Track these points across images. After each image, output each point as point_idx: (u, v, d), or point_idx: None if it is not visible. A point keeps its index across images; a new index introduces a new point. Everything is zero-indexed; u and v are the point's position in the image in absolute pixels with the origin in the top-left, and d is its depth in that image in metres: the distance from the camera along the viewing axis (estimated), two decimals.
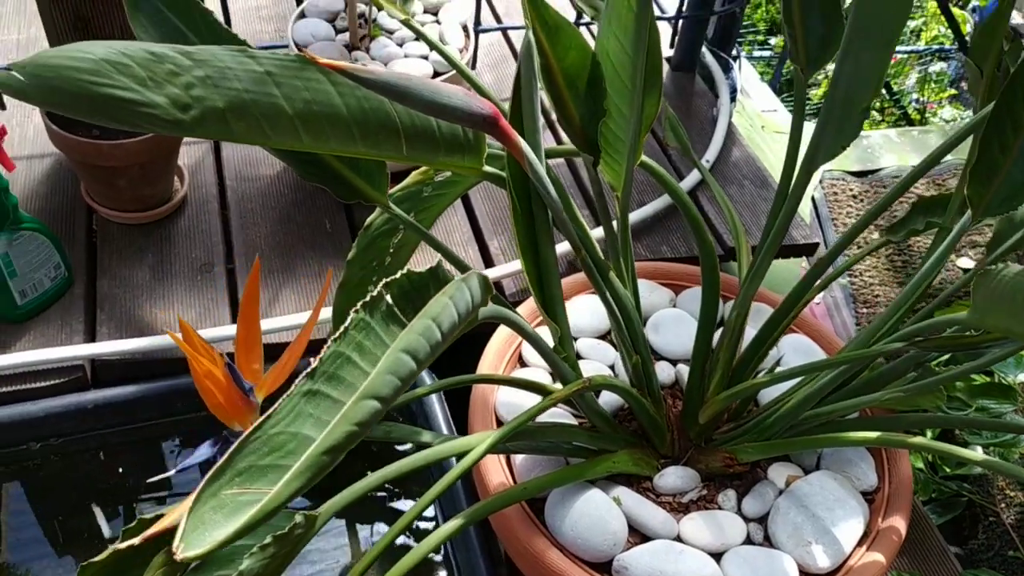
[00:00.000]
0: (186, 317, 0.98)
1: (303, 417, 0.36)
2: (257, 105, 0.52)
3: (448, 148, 0.59)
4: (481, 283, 0.48)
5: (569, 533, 0.75)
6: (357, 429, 0.37)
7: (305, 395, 0.37)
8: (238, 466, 0.35)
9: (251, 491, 0.34)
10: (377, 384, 0.38)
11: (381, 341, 0.42)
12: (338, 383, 0.38)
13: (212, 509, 0.34)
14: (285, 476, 0.34)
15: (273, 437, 0.36)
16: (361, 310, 0.41)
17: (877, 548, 0.78)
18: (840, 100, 0.58)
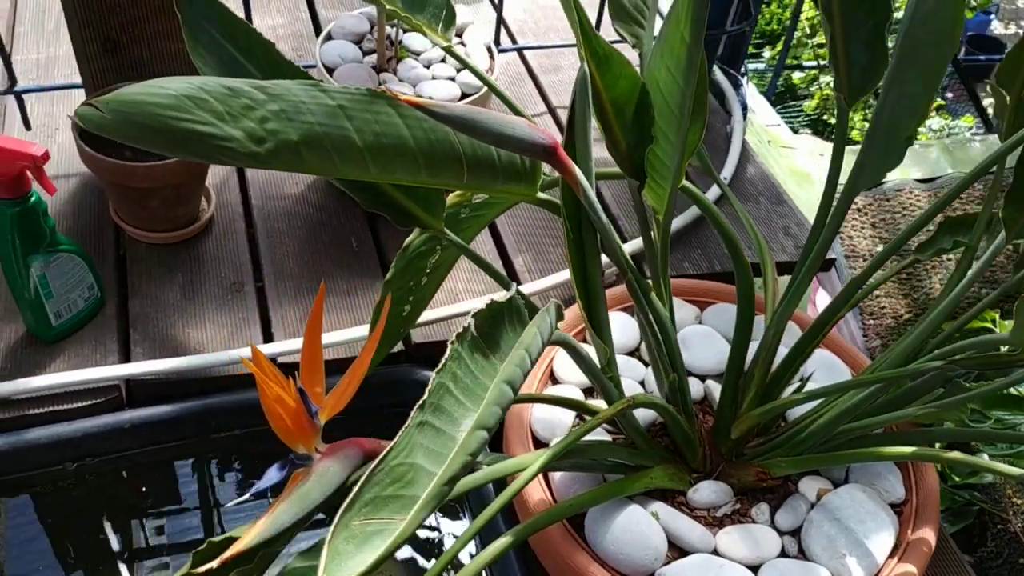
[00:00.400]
0: (218, 337, 0.99)
1: (417, 448, 0.38)
2: (329, 138, 0.53)
3: (506, 176, 0.60)
4: (557, 311, 0.50)
5: (611, 548, 0.77)
6: (470, 459, 0.38)
7: (418, 426, 0.38)
8: (364, 497, 0.36)
9: (376, 520, 0.35)
10: (485, 415, 0.39)
11: (469, 370, 0.43)
12: (441, 413, 0.39)
13: (344, 540, 0.35)
14: (410, 504, 0.36)
15: (394, 468, 0.37)
16: (456, 341, 0.43)
17: (908, 559, 0.80)
18: (884, 127, 0.60)
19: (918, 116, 0.59)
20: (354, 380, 0.62)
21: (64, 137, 1.20)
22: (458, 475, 0.37)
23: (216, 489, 0.95)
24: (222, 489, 0.95)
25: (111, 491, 0.93)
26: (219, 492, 0.95)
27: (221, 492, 0.95)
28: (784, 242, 1.17)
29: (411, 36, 1.12)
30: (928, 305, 1.62)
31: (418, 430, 0.38)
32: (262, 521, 0.56)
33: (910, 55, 0.56)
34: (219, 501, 0.94)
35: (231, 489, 0.95)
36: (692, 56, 0.59)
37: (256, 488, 0.56)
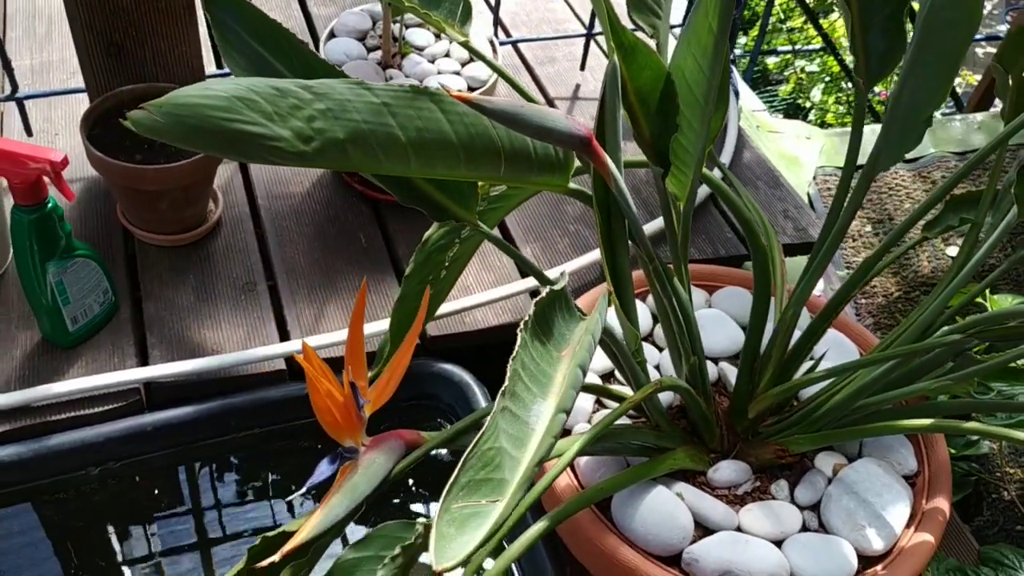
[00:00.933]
0: (234, 336, 0.99)
1: (500, 432, 0.39)
2: (375, 135, 0.54)
3: (540, 167, 0.62)
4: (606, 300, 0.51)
5: (639, 529, 0.79)
6: (553, 440, 0.39)
7: (501, 412, 0.40)
8: (461, 481, 0.37)
9: (472, 504, 0.37)
10: (565, 399, 0.41)
11: (532, 357, 0.45)
12: (516, 399, 0.41)
13: (447, 523, 0.36)
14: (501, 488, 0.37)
15: (485, 453, 0.38)
16: (522, 329, 0.44)
17: (924, 528, 0.83)
18: (904, 109, 0.62)
19: (938, 98, 0.61)
20: (396, 373, 0.63)
21: (63, 142, 1.19)
22: (545, 456, 0.39)
23: (238, 488, 0.96)
24: (244, 488, 0.96)
25: (134, 494, 0.94)
26: (241, 491, 0.96)
27: (243, 491, 0.96)
28: (784, 225, 1.19)
29: (414, 32, 1.12)
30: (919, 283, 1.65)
31: (501, 415, 0.40)
32: (317, 514, 0.57)
33: (929, 39, 0.58)
34: (242, 500, 0.95)
35: (254, 488, 0.96)
36: (719, 45, 0.61)
37: (311, 482, 0.58)
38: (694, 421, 0.87)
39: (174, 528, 0.93)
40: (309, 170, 1.18)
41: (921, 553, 0.81)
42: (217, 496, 0.95)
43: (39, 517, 0.92)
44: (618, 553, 0.78)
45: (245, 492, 0.96)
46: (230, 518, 0.94)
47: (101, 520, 0.92)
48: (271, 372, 0.97)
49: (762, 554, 0.77)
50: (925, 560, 0.81)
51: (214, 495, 0.95)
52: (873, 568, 0.80)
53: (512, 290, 1.05)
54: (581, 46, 1.42)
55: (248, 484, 0.96)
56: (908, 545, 0.81)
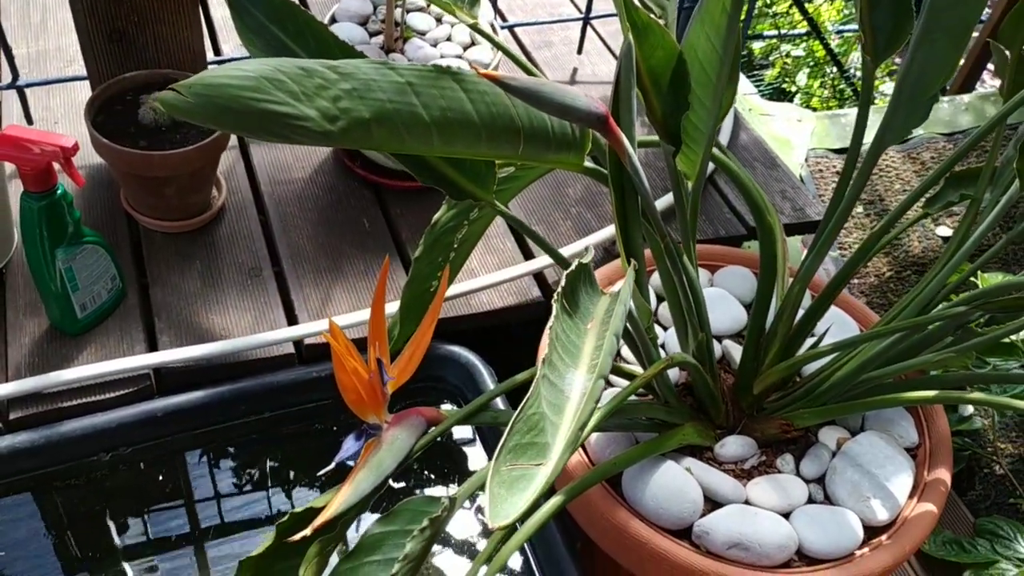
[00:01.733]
0: (242, 321, 1.00)
1: (541, 399, 0.40)
2: (400, 114, 0.55)
3: (558, 146, 0.63)
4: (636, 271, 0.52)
5: (650, 503, 0.80)
6: (594, 404, 0.41)
7: (542, 379, 0.41)
8: (509, 444, 0.39)
9: (519, 465, 0.38)
10: (603, 364, 0.42)
11: (563, 328, 0.46)
12: (552, 367, 0.42)
13: (498, 484, 0.37)
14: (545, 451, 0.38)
15: (530, 418, 0.39)
16: (556, 300, 0.45)
17: (927, 499, 0.85)
18: (911, 85, 0.63)
19: (946, 74, 0.63)
20: (418, 351, 0.64)
21: (63, 129, 1.19)
22: (587, 421, 0.40)
23: (249, 472, 0.97)
24: (255, 471, 0.97)
25: (145, 480, 0.94)
26: (252, 475, 0.97)
27: (254, 474, 0.97)
28: (782, 205, 1.21)
29: (415, 16, 1.13)
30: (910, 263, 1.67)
31: (543, 383, 0.41)
32: (344, 489, 0.58)
33: (937, 17, 0.60)
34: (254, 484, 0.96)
35: (265, 471, 0.97)
36: (732, 24, 0.62)
37: (339, 457, 0.59)
38: (700, 398, 0.89)
39: (186, 513, 0.94)
40: (311, 156, 1.19)
41: (924, 523, 0.83)
42: (228, 480, 0.96)
43: (51, 503, 0.92)
44: (629, 527, 0.79)
45: (256, 476, 0.97)
46: (241, 502, 0.95)
47: (113, 506, 0.93)
48: (280, 356, 0.97)
49: (771, 526, 0.79)
50: (928, 529, 0.83)
51: (225, 480, 0.96)
52: (878, 538, 0.82)
53: (516, 273, 1.06)
54: (578, 30, 1.43)
55: (259, 468, 0.97)
56: (911, 515, 0.83)
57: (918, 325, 0.75)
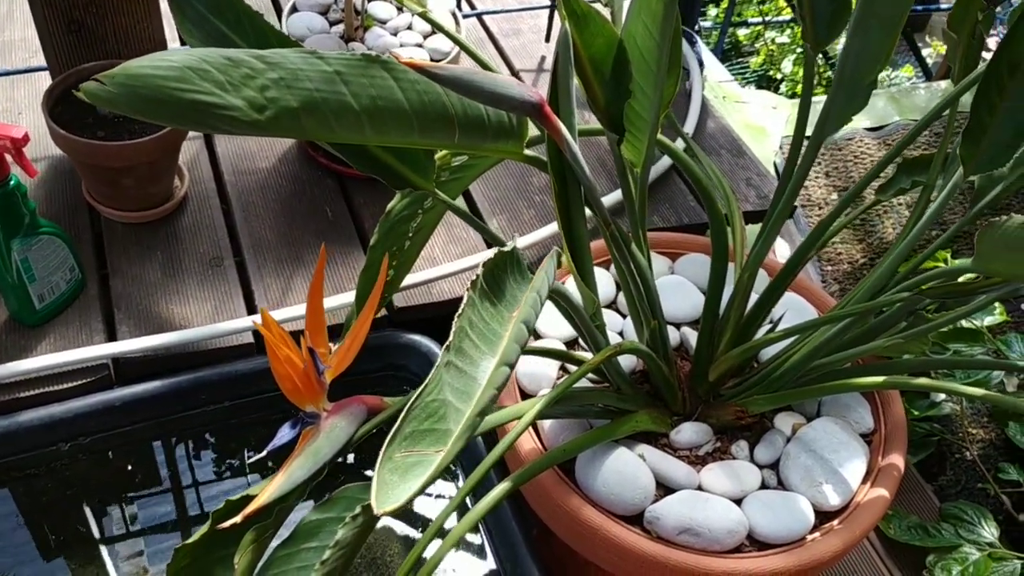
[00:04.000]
0: (202, 311, 1.00)
1: (444, 385, 0.40)
2: (328, 103, 0.55)
3: (495, 134, 0.63)
4: (557, 260, 0.52)
5: (602, 489, 0.80)
6: (496, 392, 0.41)
7: (445, 366, 0.41)
8: (405, 431, 0.39)
9: (416, 452, 0.38)
10: (508, 352, 0.42)
11: (481, 316, 0.46)
12: (461, 354, 0.42)
13: (389, 471, 0.37)
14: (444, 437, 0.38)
15: (428, 404, 0.39)
16: (470, 288, 0.45)
17: (880, 484, 0.85)
18: (849, 73, 0.64)
19: (880, 62, 0.63)
20: (357, 340, 0.64)
21: (27, 121, 1.19)
22: (487, 408, 0.40)
23: (208, 461, 0.97)
24: (215, 460, 0.97)
25: (105, 469, 0.95)
26: (212, 463, 0.97)
27: (214, 463, 0.97)
28: (747, 192, 1.21)
29: (376, 5, 1.13)
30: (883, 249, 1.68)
31: (445, 370, 0.41)
32: (278, 478, 0.59)
33: (871, 5, 0.60)
34: (213, 473, 0.96)
35: (225, 460, 0.97)
36: (668, 11, 0.62)
37: (271, 446, 0.59)
38: (656, 384, 0.89)
39: (146, 501, 0.94)
40: (275, 145, 1.19)
41: (876, 507, 0.84)
42: (189, 469, 0.96)
43: (10, 493, 0.93)
44: (581, 513, 0.80)
45: (217, 464, 0.97)
46: (202, 490, 0.95)
47: (72, 495, 0.93)
48: (240, 345, 0.98)
49: (721, 511, 0.79)
50: (880, 514, 0.83)
51: (186, 468, 0.96)
52: (830, 523, 0.82)
53: (478, 261, 1.06)
54: (546, 18, 1.42)
55: (219, 456, 0.97)
56: (864, 500, 0.84)
57: (867, 311, 0.75)
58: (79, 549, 0.90)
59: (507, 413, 0.71)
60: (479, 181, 1.17)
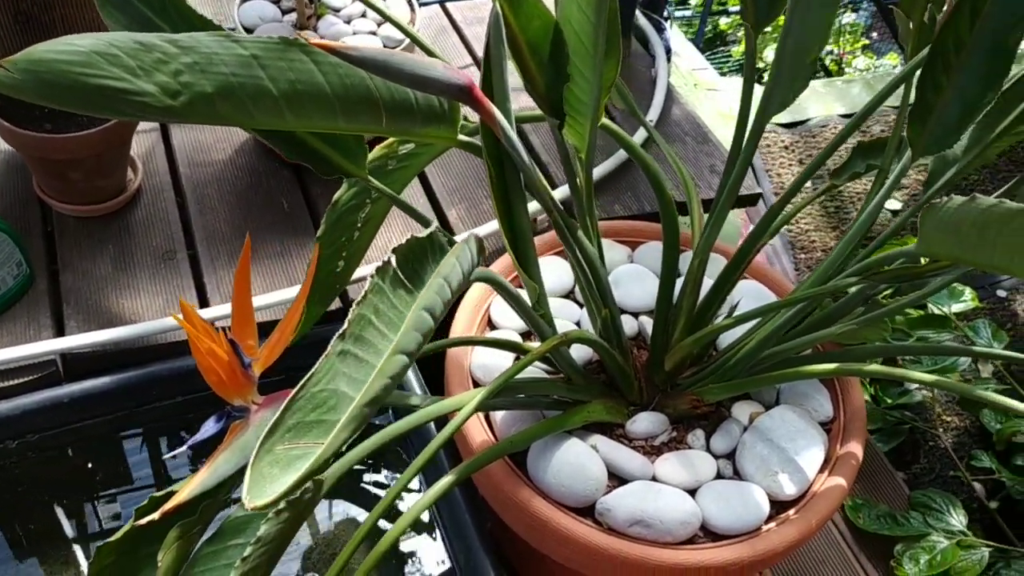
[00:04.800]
0: (153, 305, 0.98)
1: (339, 375, 0.39)
2: (244, 88, 0.54)
3: (425, 119, 0.61)
4: (477, 246, 0.51)
5: (552, 481, 0.79)
6: (391, 382, 0.39)
7: (339, 355, 0.40)
8: (288, 423, 0.37)
9: (301, 445, 0.37)
10: (405, 340, 0.41)
11: (392, 304, 0.45)
12: (363, 343, 0.41)
13: (269, 464, 0.36)
14: (334, 429, 0.37)
15: (316, 395, 0.38)
16: (376, 275, 0.44)
17: (838, 472, 0.84)
18: (790, 53, 0.62)
19: (820, 40, 0.62)
20: (287, 331, 0.63)
21: None
22: (379, 397, 0.39)
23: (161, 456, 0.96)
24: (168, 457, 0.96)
25: (54, 466, 0.93)
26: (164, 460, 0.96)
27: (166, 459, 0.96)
28: (711, 179, 1.19)
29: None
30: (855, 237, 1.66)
31: (339, 359, 0.39)
32: (201, 473, 0.57)
33: None
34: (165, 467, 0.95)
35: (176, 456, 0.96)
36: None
37: (193, 441, 0.57)
38: (612, 374, 0.88)
39: (96, 498, 0.93)
40: (231, 137, 1.17)
41: (833, 496, 0.82)
42: (140, 466, 0.95)
43: None
44: (531, 505, 0.79)
45: (169, 461, 0.96)
46: (154, 486, 0.94)
47: (22, 493, 0.92)
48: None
49: (674, 502, 0.78)
50: (837, 502, 0.82)
51: (137, 463, 0.95)
52: (786, 512, 0.81)
53: None
54: None
55: (171, 452, 0.96)
56: (821, 489, 0.83)
57: (817, 297, 0.74)
58: (27, 547, 0.88)
59: (451, 403, 0.70)
60: (438, 169, 1.15)
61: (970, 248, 0.57)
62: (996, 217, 0.54)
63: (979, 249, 0.56)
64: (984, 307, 1.57)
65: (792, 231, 1.65)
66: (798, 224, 1.66)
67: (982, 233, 0.55)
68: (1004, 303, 1.63)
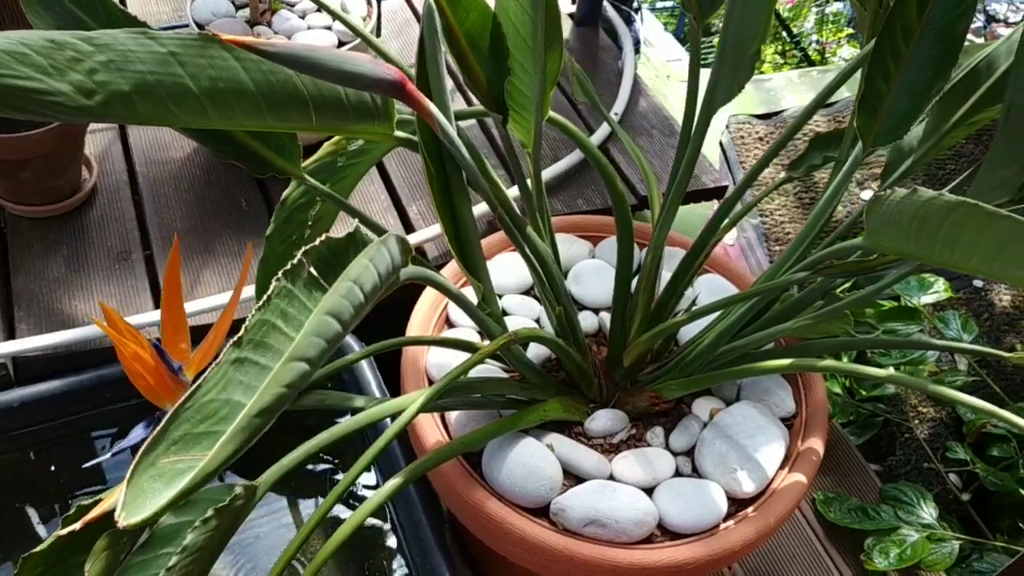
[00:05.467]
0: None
1: (233, 384, 0.37)
2: (162, 86, 0.52)
3: (357, 115, 0.60)
4: (400, 245, 0.49)
5: (506, 482, 0.78)
6: (286, 391, 0.38)
7: (234, 363, 0.38)
8: (173, 435, 0.36)
9: (187, 458, 0.35)
10: (303, 346, 0.39)
11: (305, 307, 0.43)
12: (265, 350, 0.39)
13: (151, 478, 0.35)
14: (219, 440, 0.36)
15: (205, 405, 0.37)
16: (283, 278, 0.42)
17: (798, 469, 0.83)
18: (731, 46, 0.61)
19: (760, 31, 0.60)
20: (219, 336, 0.62)
21: None
22: (271, 407, 0.37)
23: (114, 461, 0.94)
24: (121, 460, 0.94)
25: (7, 472, 0.92)
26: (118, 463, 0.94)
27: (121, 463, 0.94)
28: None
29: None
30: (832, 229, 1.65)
31: (235, 367, 0.38)
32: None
33: None
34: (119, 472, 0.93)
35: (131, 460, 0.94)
36: None
37: (120, 446, 0.56)
38: (570, 372, 0.86)
39: (49, 503, 0.91)
40: None
41: (793, 493, 0.81)
42: (93, 470, 0.93)
43: None
44: (485, 507, 0.77)
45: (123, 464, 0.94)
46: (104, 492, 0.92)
47: None
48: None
49: (629, 501, 0.77)
50: (797, 500, 0.81)
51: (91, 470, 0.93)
52: (744, 510, 0.80)
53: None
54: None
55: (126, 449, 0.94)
56: (780, 486, 0.82)
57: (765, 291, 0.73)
58: None
59: (392, 405, 0.68)
60: (398, 164, 1.14)
61: (913, 242, 0.55)
62: (936, 210, 0.52)
63: (921, 243, 0.55)
64: (960, 298, 1.56)
65: (767, 223, 1.64)
66: (772, 216, 1.64)
67: (923, 226, 0.54)
68: (981, 293, 1.61)
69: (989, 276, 0.51)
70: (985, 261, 0.51)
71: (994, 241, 0.49)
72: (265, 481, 0.59)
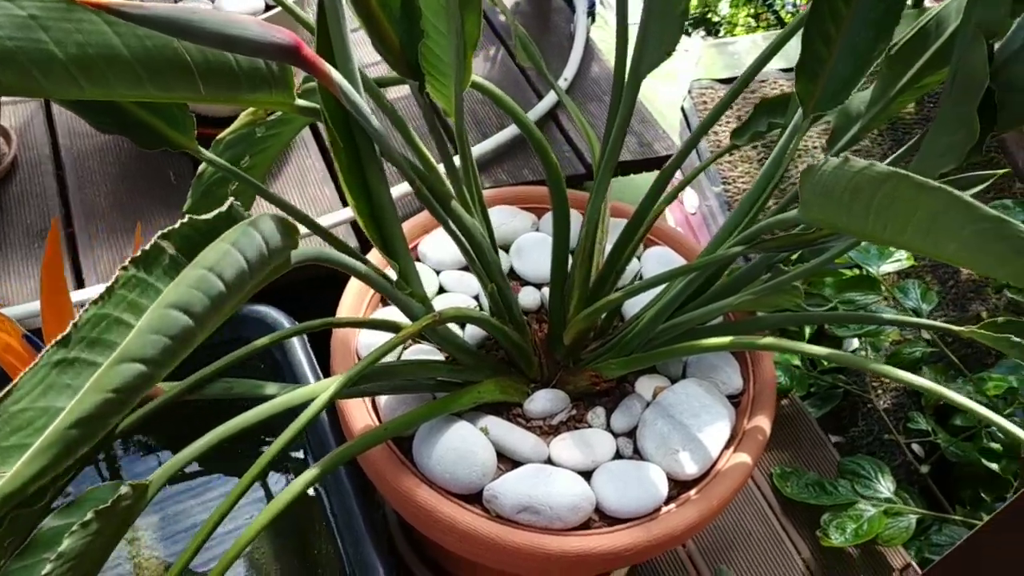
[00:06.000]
0: (25, 288, 0.92)
1: (57, 390, 0.33)
2: (24, 52, 0.48)
3: (251, 84, 0.55)
4: (279, 225, 0.45)
5: (437, 468, 0.74)
6: (114, 396, 0.34)
7: (58, 365, 0.34)
8: None
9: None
10: (137, 345, 0.35)
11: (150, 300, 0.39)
12: (105, 348, 0.35)
13: None
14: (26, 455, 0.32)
15: (16, 415, 0.32)
16: (131, 266, 0.38)
17: (743, 449, 0.80)
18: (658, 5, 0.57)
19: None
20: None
21: None
22: (91, 416, 0.33)
23: None
24: None
25: None
26: None
27: None
28: (628, 140, 1.14)
29: None
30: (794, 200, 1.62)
31: (60, 370, 0.34)
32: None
33: None
34: None
35: None
36: None
37: None
38: (508, 351, 0.83)
39: None
40: None
41: (737, 474, 0.78)
42: None
43: None
44: (415, 494, 0.74)
45: None
46: None
47: None
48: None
49: (565, 486, 0.74)
50: (741, 480, 0.78)
51: None
52: (686, 493, 0.77)
53: (335, 221, 0.99)
54: None
55: None
56: (724, 467, 0.79)
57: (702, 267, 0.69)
58: None
59: (306, 392, 0.64)
60: None
61: (845, 214, 0.52)
62: (867, 180, 0.49)
63: (854, 216, 0.51)
64: (924, 265, 1.53)
65: (729, 191, 1.60)
66: (735, 184, 1.61)
67: (855, 198, 0.50)
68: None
69: (922, 252, 0.47)
70: (918, 235, 0.47)
71: (926, 214, 0.46)
72: (157, 479, 0.55)
